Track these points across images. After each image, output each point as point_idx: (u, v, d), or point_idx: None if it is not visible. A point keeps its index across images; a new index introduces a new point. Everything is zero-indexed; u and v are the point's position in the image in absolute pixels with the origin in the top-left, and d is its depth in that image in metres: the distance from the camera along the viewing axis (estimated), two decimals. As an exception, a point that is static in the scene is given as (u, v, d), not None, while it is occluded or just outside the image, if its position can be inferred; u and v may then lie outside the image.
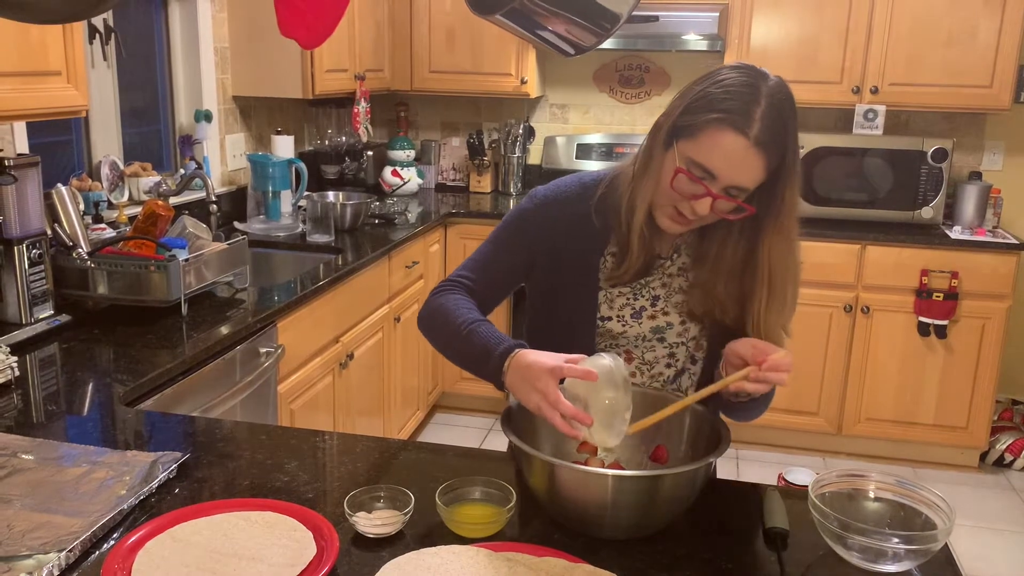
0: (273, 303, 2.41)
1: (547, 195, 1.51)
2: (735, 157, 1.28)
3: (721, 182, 1.30)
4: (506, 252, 1.53)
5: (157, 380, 1.87)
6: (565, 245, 1.48)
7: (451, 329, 1.41)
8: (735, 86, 1.29)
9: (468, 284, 1.51)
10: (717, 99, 1.28)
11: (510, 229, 1.53)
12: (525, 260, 1.51)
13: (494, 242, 1.54)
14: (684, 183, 1.31)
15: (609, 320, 1.48)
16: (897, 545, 1.12)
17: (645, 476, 1.20)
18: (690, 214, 1.34)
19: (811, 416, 3.81)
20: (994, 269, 3.55)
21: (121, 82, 2.96)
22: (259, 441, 1.51)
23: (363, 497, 1.22)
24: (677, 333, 1.48)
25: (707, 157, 1.29)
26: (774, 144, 1.28)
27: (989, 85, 3.63)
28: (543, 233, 1.49)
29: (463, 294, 1.48)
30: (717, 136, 1.28)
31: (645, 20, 3.77)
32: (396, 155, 4.29)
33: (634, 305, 1.47)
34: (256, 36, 3.36)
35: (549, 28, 1.01)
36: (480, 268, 1.52)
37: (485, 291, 1.51)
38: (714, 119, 1.28)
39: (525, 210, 1.52)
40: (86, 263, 2.22)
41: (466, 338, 1.38)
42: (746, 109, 1.26)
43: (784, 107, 1.29)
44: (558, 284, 1.49)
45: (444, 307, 1.45)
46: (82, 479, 1.31)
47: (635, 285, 1.47)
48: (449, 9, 4.04)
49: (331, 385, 2.83)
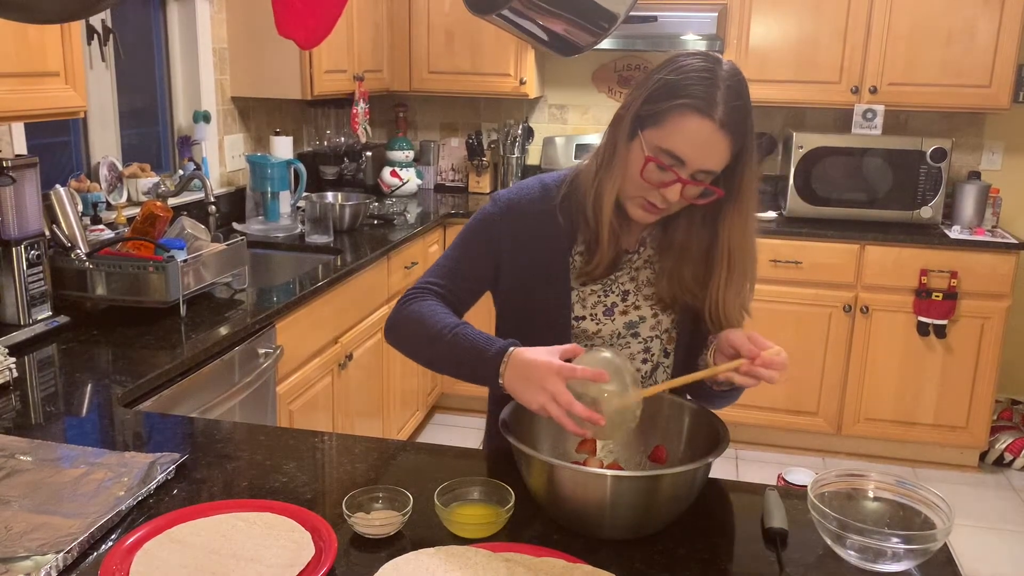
0: (272, 304, 2.41)
1: (510, 198, 1.50)
2: (702, 141, 1.30)
3: (690, 167, 1.32)
4: (472, 257, 1.51)
5: (156, 381, 1.87)
6: (532, 247, 1.48)
7: (432, 334, 1.39)
8: (694, 71, 1.31)
9: (438, 290, 1.48)
10: (679, 85, 1.30)
11: (475, 233, 1.51)
12: (492, 263, 1.50)
13: (460, 247, 1.52)
14: (654, 172, 1.33)
15: (583, 320, 1.48)
16: (896, 545, 1.12)
17: (644, 476, 1.20)
18: (660, 202, 1.36)
19: (811, 416, 3.81)
20: (993, 269, 3.55)
21: (119, 83, 2.96)
22: (257, 442, 1.51)
23: (362, 498, 1.22)
24: (650, 327, 1.49)
25: (675, 143, 1.31)
26: (737, 126, 1.30)
27: (988, 85, 3.63)
28: (508, 236, 1.48)
29: (435, 300, 1.46)
30: (683, 121, 1.30)
31: (643, 20, 3.77)
32: (395, 156, 4.29)
33: (605, 302, 1.48)
34: (255, 37, 3.36)
35: (547, 27, 1.01)
36: (448, 274, 1.50)
37: (455, 297, 1.49)
38: (678, 105, 1.30)
39: (489, 214, 1.51)
40: (84, 264, 2.22)
41: (452, 342, 1.36)
42: (708, 93, 1.29)
43: (741, 90, 1.32)
44: (528, 287, 1.49)
45: (419, 313, 1.42)
46: (80, 480, 1.31)
47: (605, 282, 1.48)
48: (448, 10, 4.03)
49: (330, 386, 2.83)
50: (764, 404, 3.76)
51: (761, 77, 3.79)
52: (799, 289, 3.69)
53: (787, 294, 3.68)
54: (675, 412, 1.38)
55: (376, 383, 3.25)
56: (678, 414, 1.38)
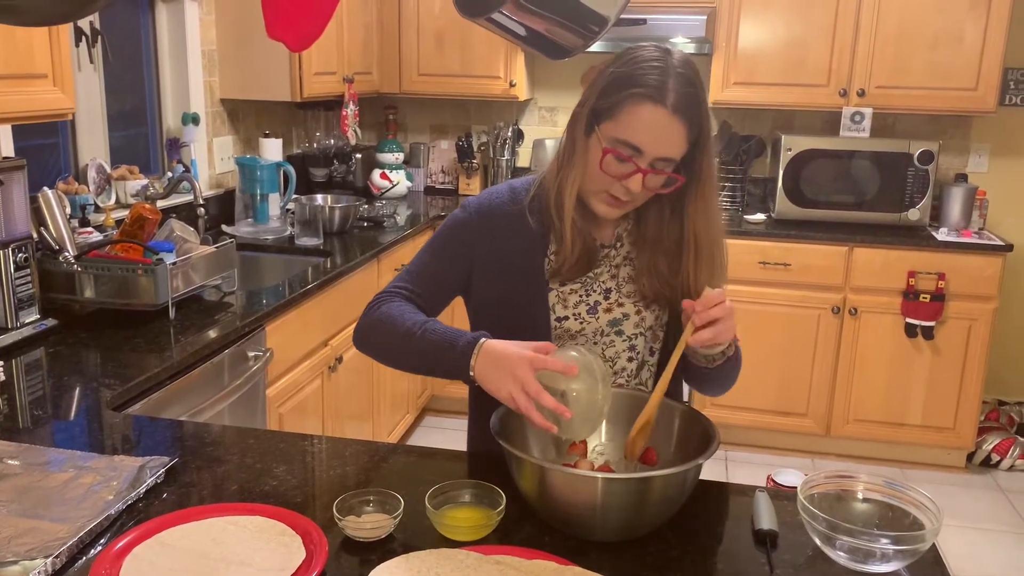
0: (261, 306, 2.41)
1: (480, 203, 1.52)
2: (657, 128, 1.32)
3: (648, 155, 1.33)
4: (443, 261, 1.52)
5: (145, 384, 1.86)
6: (506, 250, 1.48)
7: (402, 332, 1.39)
8: (645, 61, 1.33)
9: (406, 294, 1.49)
10: (631, 76, 1.33)
11: (447, 238, 1.52)
12: (464, 268, 1.51)
13: (430, 252, 1.54)
14: (613, 163, 1.35)
15: (566, 319, 1.49)
16: (885, 546, 1.13)
17: (634, 478, 1.20)
18: (623, 195, 1.37)
19: (800, 417, 3.83)
20: (980, 270, 3.57)
21: (108, 85, 2.95)
22: (247, 445, 1.50)
23: (352, 501, 1.22)
24: (634, 324, 1.50)
25: (631, 133, 1.32)
26: (690, 112, 1.32)
27: (975, 88, 3.66)
28: (481, 240, 1.49)
29: (403, 302, 1.47)
30: (636, 111, 1.32)
31: (633, 23, 3.78)
32: (385, 158, 4.28)
33: (588, 301, 1.48)
34: (244, 39, 3.35)
35: (537, 31, 1.01)
36: (417, 278, 1.51)
37: (425, 301, 1.50)
38: (630, 95, 1.32)
39: (459, 219, 1.51)
40: (72, 267, 2.21)
41: (421, 337, 1.36)
42: (659, 81, 1.31)
43: (692, 77, 1.34)
44: (505, 291, 1.49)
45: (388, 315, 1.43)
46: (69, 484, 1.30)
47: (585, 280, 1.48)
48: (438, 12, 4.03)
49: (320, 389, 2.82)
50: (753, 405, 3.77)
51: (750, 80, 3.81)
52: (788, 291, 3.70)
53: (776, 296, 3.70)
54: (665, 414, 1.38)
55: (366, 386, 3.24)
56: (668, 416, 1.38)
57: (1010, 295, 4.01)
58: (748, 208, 4.06)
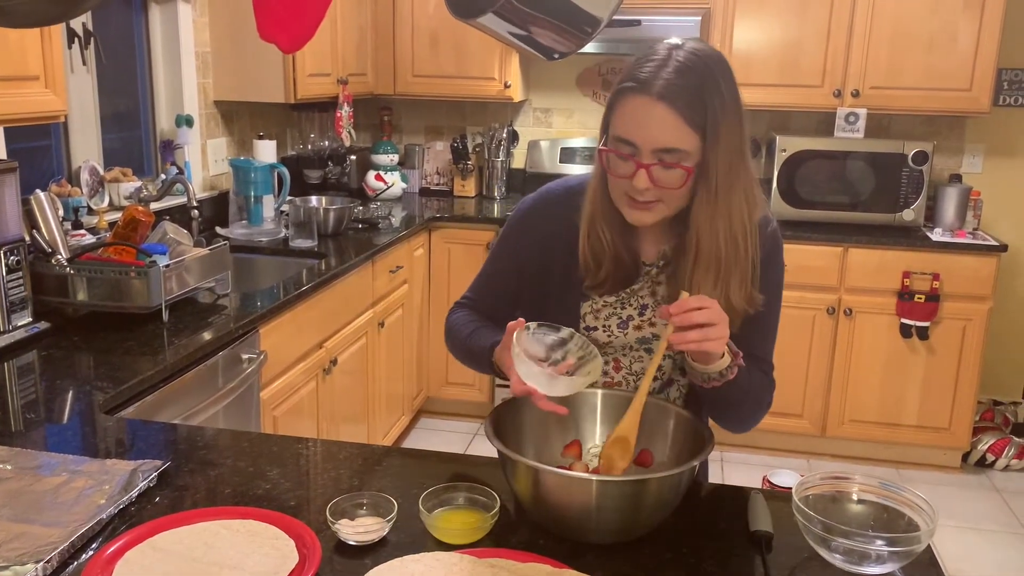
0: (255, 309, 2.40)
1: (533, 206, 1.54)
2: (641, 116, 1.28)
3: (644, 148, 1.29)
4: (499, 267, 1.59)
5: (138, 387, 1.86)
6: (550, 255, 1.49)
7: (459, 342, 1.55)
8: (647, 58, 1.31)
9: (468, 304, 1.61)
10: (628, 73, 1.32)
11: (501, 244, 1.59)
12: (517, 274, 1.54)
13: (492, 260, 1.61)
14: (616, 163, 1.34)
15: (595, 330, 1.47)
16: (881, 547, 1.12)
17: (630, 481, 1.19)
18: (637, 195, 1.33)
19: (795, 418, 3.83)
20: (975, 271, 3.58)
21: (101, 87, 2.94)
22: (241, 448, 1.50)
23: (346, 504, 1.21)
24: None
25: (623, 128, 1.31)
26: (682, 97, 1.26)
27: (969, 88, 3.66)
28: (528, 245, 1.52)
29: (465, 312, 1.59)
30: (624, 104, 1.31)
31: (627, 24, 3.78)
32: (380, 159, 4.28)
33: (620, 315, 1.47)
34: (238, 40, 3.35)
35: (529, 32, 1.00)
36: (478, 286, 1.62)
37: (486, 307, 1.59)
38: (620, 90, 1.32)
39: (511, 225, 1.57)
40: (65, 269, 2.20)
41: (467, 347, 1.52)
42: (651, 72, 1.28)
43: (695, 62, 1.29)
44: (545, 294, 1.50)
45: (450, 327, 1.59)
46: (61, 488, 1.29)
47: (621, 295, 1.46)
48: (432, 13, 4.03)
49: (314, 391, 2.81)
50: (749, 406, 3.77)
51: (745, 81, 3.76)
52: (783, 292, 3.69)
53: (771, 297, 3.69)
54: (660, 416, 1.38)
55: (361, 388, 3.23)
56: (663, 418, 1.37)
57: (1004, 295, 4.01)
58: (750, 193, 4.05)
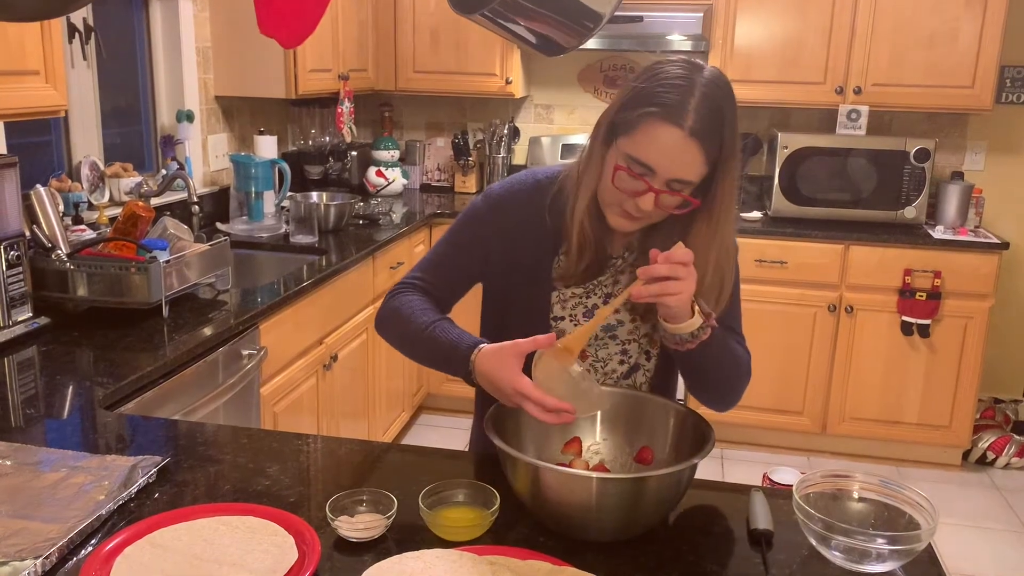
0: (256, 304, 2.39)
1: (501, 194, 1.51)
2: (671, 149, 1.27)
3: (661, 176, 1.29)
4: (460, 252, 1.53)
5: (138, 383, 1.85)
6: (518, 246, 1.48)
7: (412, 329, 1.44)
8: (670, 79, 1.28)
9: (422, 285, 1.52)
10: (652, 93, 1.28)
11: (463, 229, 1.53)
12: (479, 259, 1.51)
13: (448, 242, 1.55)
14: (625, 180, 1.32)
15: (562, 320, 1.48)
16: (881, 546, 1.12)
17: (630, 479, 1.19)
18: (635, 212, 1.34)
19: (796, 416, 3.82)
20: (976, 268, 3.57)
21: (101, 82, 2.93)
22: (240, 445, 1.49)
23: (345, 501, 1.21)
24: (628, 331, 1.49)
25: (644, 152, 1.29)
26: (710, 135, 1.27)
27: (971, 85, 3.65)
28: (496, 234, 1.49)
29: (418, 295, 1.50)
30: (652, 130, 1.28)
31: (629, 20, 3.77)
32: (380, 155, 4.27)
33: (586, 304, 1.48)
34: (238, 36, 3.34)
35: (531, 27, 1.00)
36: (434, 268, 1.54)
37: (440, 291, 1.52)
38: (648, 113, 1.28)
39: (478, 209, 1.52)
40: (65, 265, 2.19)
41: (429, 337, 1.41)
42: (681, 101, 1.26)
43: (719, 97, 1.29)
44: (512, 284, 1.50)
45: (401, 309, 1.48)
46: (60, 484, 1.29)
47: (588, 285, 1.47)
48: (433, 9, 4.02)
49: (315, 387, 2.81)
50: (749, 403, 3.73)
51: (746, 78, 3.80)
52: (784, 289, 3.70)
53: (772, 294, 3.69)
54: (661, 413, 1.38)
55: (361, 384, 3.23)
56: (663, 415, 1.37)
57: (1006, 293, 4.01)
58: (744, 206, 4.05)
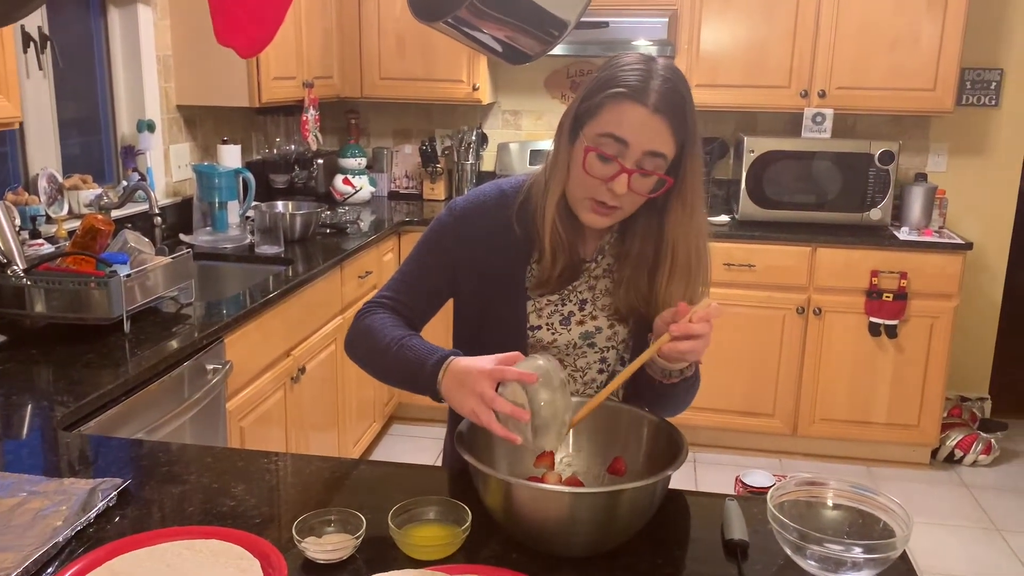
0: (220, 318, 2.35)
1: (466, 207, 1.49)
2: (638, 123, 1.29)
3: (635, 149, 1.30)
4: (428, 269, 1.51)
5: (99, 401, 1.81)
6: (488, 257, 1.46)
7: (380, 348, 1.40)
8: (627, 65, 1.32)
9: (391, 304, 1.49)
10: (613, 77, 1.32)
11: (430, 245, 1.51)
12: (447, 275, 1.49)
13: (415, 259, 1.53)
14: (597, 164, 1.32)
15: (539, 329, 1.47)
16: (857, 555, 1.11)
17: (603, 492, 1.18)
18: (610, 199, 1.33)
19: (766, 418, 3.84)
20: (941, 269, 3.61)
21: (59, 92, 2.86)
22: (205, 464, 1.46)
23: (313, 521, 1.18)
24: (606, 337, 1.48)
25: (616, 127, 1.30)
26: (673, 112, 1.30)
27: (932, 88, 3.70)
28: (462, 246, 1.47)
29: (387, 314, 1.47)
30: (617, 108, 1.30)
31: (595, 26, 3.77)
32: (347, 163, 4.23)
33: (562, 311, 1.46)
34: (200, 43, 3.28)
35: (495, 35, 0.98)
36: (403, 287, 1.51)
37: (410, 310, 1.49)
38: (612, 94, 1.30)
39: (444, 224, 1.50)
40: (22, 280, 2.13)
41: (396, 354, 1.37)
42: (642, 81, 1.30)
43: (676, 80, 1.32)
44: (485, 297, 1.48)
45: (370, 328, 1.44)
46: (16, 510, 1.25)
47: (563, 292, 1.46)
48: (399, 15, 3.99)
49: (282, 400, 2.77)
50: (720, 407, 3.78)
51: (712, 82, 3.82)
52: (752, 292, 3.72)
53: (741, 297, 3.71)
54: (633, 423, 1.36)
55: (331, 396, 3.19)
56: (636, 425, 1.36)
57: (970, 292, 4.06)
58: (712, 210, 4.06)
